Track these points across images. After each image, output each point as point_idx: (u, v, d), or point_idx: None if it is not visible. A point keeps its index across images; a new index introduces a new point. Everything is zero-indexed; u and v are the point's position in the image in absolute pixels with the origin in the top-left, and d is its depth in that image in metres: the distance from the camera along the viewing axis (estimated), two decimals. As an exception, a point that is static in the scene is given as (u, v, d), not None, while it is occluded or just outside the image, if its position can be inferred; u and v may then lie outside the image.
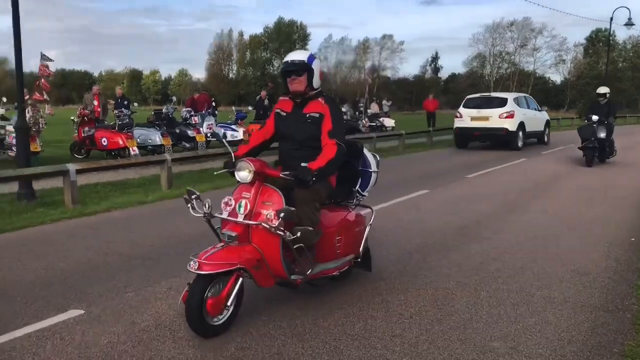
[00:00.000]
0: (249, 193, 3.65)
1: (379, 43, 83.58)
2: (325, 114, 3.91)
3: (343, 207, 4.36)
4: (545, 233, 6.40)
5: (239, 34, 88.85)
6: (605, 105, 13.06)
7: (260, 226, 3.53)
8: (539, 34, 75.69)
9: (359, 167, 4.38)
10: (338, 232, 4.09)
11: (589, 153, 12.58)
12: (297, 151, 3.96)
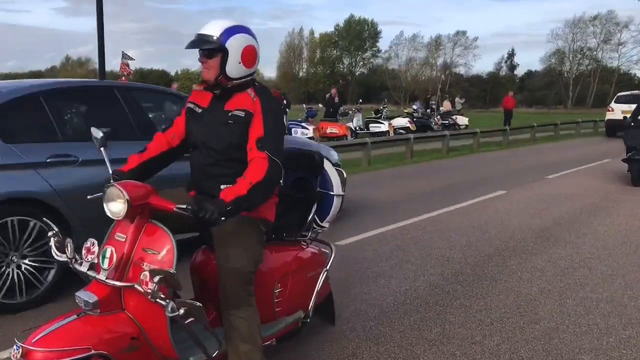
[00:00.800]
0: (123, 235, 2.36)
1: (451, 39, 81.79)
2: (254, 113, 2.59)
3: (291, 243, 3.11)
4: (635, 238, 5.97)
5: (309, 32, 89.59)
6: None
7: (134, 288, 2.25)
8: (625, 28, 71.53)
9: (318, 187, 3.14)
10: (279, 280, 2.91)
11: (636, 167, 9.26)
12: (214, 167, 2.64)
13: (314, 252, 3.22)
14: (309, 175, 3.18)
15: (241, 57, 2.56)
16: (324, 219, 3.19)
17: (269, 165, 2.49)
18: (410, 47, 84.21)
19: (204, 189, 2.67)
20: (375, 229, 6.23)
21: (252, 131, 2.57)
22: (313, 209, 3.11)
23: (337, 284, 4.41)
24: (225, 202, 2.36)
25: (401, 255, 5.28)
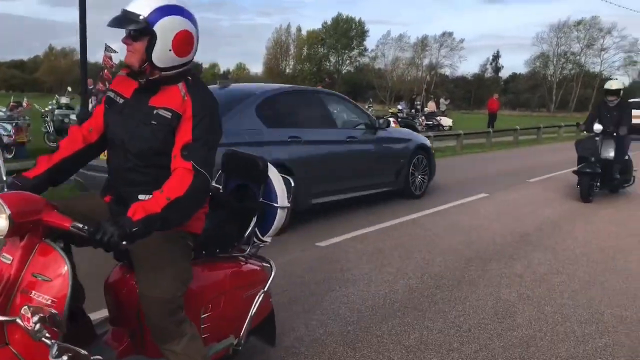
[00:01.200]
0: (9, 257, 1.96)
1: (438, 40, 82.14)
2: (183, 115, 2.20)
3: (226, 260, 2.73)
4: (612, 245, 6.02)
5: (296, 29, 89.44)
6: (617, 108, 8.65)
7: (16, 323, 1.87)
8: (608, 34, 72.49)
9: (260, 197, 2.79)
10: (209, 301, 2.54)
11: (586, 181, 8.32)
12: (131, 172, 2.27)
13: (252, 270, 2.83)
14: (251, 182, 2.84)
15: (172, 44, 2.16)
16: (266, 232, 2.81)
17: (194, 178, 2.10)
18: (396, 46, 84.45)
19: (121, 195, 2.28)
20: (357, 230, 6.20)
21: (178, 136, 2.18)
22: (253, 221, 2.73)
23: (317, 286, 4.39)
24: (131, 221, 1.94)
25: (382, 258, 5.26)
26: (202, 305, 2.49)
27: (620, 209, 8.06)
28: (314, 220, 6.70)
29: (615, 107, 8.64)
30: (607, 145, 8.45)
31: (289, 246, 5.47)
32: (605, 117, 8.61)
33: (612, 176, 8.60)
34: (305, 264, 4.97)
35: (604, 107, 8.76)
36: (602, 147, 8.40)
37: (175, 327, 2.20)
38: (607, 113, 8.66)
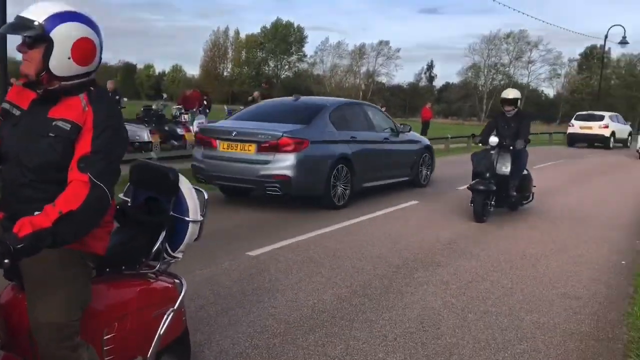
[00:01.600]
0: None
1: (375, 49, 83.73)
2: (83, 126, 2.09)
3: (132, 277, 2.57)
4: (534, 252, 6.27)
5: (235, 32, 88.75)
6: (515, 119, 8.03)
7: None
8: (535, 47, 76.28)
9: (171, 210, 2.64)
10: (114, 321, 2.39)
11: (479, 200, 7.55)
12: (27, 189, 2.12)
13: (161, 287, 2.66)
14: (161, 195, 2.69)
15: (71, 52, 2.05)
16: (177, 247, 2.66)
17: (90, 191, 1.97)
18: (335, 53, 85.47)
19: (16, 213, 2.05)
20: (289, 239, 6.16)
21: (77, 148, 2.06)
22: (161, 235, 2.59)
23: (244, 297, 4.32)
24: (16, 237, 1.81)
25: (312, 266, 5.25)
26: (105, 326, 2.35)
27: (542, 218, 8.41)
28: (245, 229, 6.62)
29: (513, 118, 8.03)
30: (503, 159, 7.77)
31: (218, 256, 5.37)
32: (502, 128, 8.05)
33: (508, 193, 7.93)
34: (234, 274, 4.89)
35: (502, 118, 8.16)
36: (498, 161, 7.74)
37: (70, 353, 2.06)
38: (504, 124, 8.07)
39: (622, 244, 6.89)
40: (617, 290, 5.10)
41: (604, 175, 14.82)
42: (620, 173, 15.81)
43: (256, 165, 7.56)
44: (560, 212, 8.90)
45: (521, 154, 8.00)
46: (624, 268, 5.85)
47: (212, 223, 6.65)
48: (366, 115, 9.52)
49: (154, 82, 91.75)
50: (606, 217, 8.67)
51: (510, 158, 7.76)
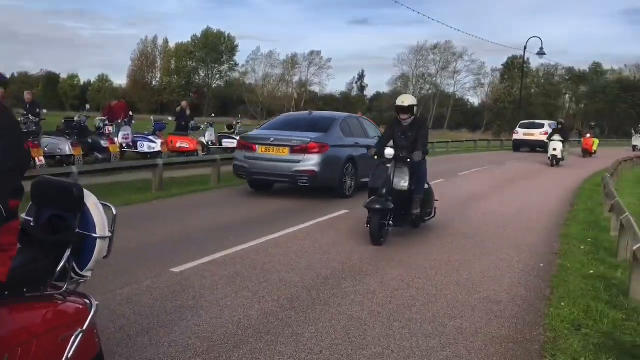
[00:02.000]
0: None
1: (307, 59, 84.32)
2: None
3: (36, 300, 2.41)
4: (459, 258, 6.44)
5: (163, 41, 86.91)
6: (412, 128, 7.26)
7: None
8: (460, 58, 79.21)
9: (77, 227, 2.53)
10: (14, 348, 2.24)
11: (376, 220, 6.68)
12: None
13: (68, 309, 2.53)
14: (66, 212, 2.57)
15: None
16: (85, 266, 2.56)
17: None
18: (267, 63, 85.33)
19: None
20: (215, 253, 6.02)
21: None
22: (66, 254, 2.47)
23: (167, 316, 4.17)
24: None
25: (239, 281, 5.15)
26: (6, 352, 2.19)
27: (466, 223, 8.68)
28: (170, 244, 6.43)
29: (410, 126, 7.25)
30: (400, 173, 6.97)
31: (140, 273, 5.17)
32: (399, 138, 7.28)
33: (409, 210, 7.12)
34: (156, 292, 4.72)
35: (398, 127, 7.34)
36: (395, 175, 6.94)
37: None
38: (401, 134, 7.27)
39: (540, 248, 7.20)
40: (535, 292, 5.31)
41: (525, 181, 15.52)
42: (539, 178, 16.60)
43: (289, 164, 10.06)
44: (483, 217, 9.21)
45: (420, 166, 7.23)
46: (542, 270, 6.10)
47: (135, 238, 6.45)
48: (362, 125, 12.02)
49: (79, 93, 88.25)
50: (526, 221, 9.05)
51: (408, 171, 7.01)
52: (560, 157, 20.60)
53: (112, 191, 10.55)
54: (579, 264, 6.37)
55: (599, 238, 7.85)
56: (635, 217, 7.86)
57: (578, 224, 8.95)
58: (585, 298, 5.12)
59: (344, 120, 11.41)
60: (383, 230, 6.83)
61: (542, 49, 34.99)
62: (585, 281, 5.66)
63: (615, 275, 5.96)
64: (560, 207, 10.81)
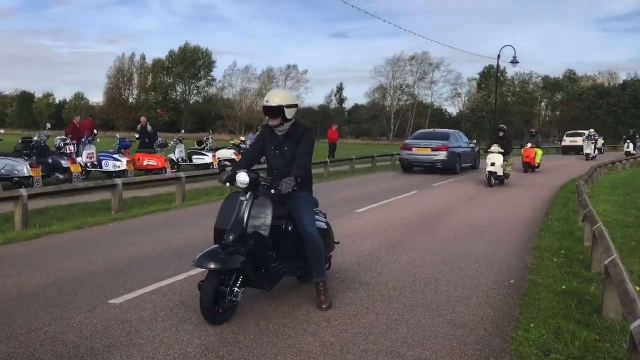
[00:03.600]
0: None
1: (283, 72, 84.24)
2: None
3: None
4: (425, 276, 6.08)
5: (140, 57, 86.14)
6: (289, 139, 4.92)
7: None
8: (437, 68, 79.73)
9: None
10: None
11: (210, 286, 4.34)
12: None
13: None
14: None
15: None
16: None
17: None
18: (244, 77, 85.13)
19: None
20: (163, 280, 5.59)
21: None
22: None
23: (93, 357, 3.71)
24: None
25: (182, 312, 4.72)
26: None
27: (436, 237, 8.34)
28: (114, 271, 5.97)
29: (286, 137, 4.88)
30: (260, 209, 4.58)
31: (73, 307, 4.73)
32: (272, 155, 4.94)
33: (275, 266, 4.79)
34: (87, 329, 4.27)
35: (270, 139, 4.95)
36: (251, 214, 4.56)
37: None
38: (274, 148, 4.92)
39: (511, 262, 6.88)
40: (504, 313, 4.96)
41: (496, 192, 15.27)
42: (512, 187, 16.38)
43: (431, 157, 19.43)
44: (454, 231, 8.88)
45: (301, 199, 4.85)
46: (512, 287, 5.77)
47: (78, 267, 6.00)
48: (460, 136, 21.83)
49: (54, 111, 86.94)
50: (498, 233, 8.74)
51: (270, 207, 4.57)
52: (500, 174, 15.71)
53: (70, 213, 10.08)
54: (551, 278, 6.06)
55: (573, 249, 7.56)
56: (608, 225, 7.62)
57: (552, 234, 8.68)
58: (556, 317, 4.79)
59: (453, 133, 21.26)
60: (222, 302, 4.41)
61: (515, 57, 35.09)
62: (556, 298, 5.34)
63: (589, 290, 5.66)
64: (536, 215, 10.53)
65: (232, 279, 4.47)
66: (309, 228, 4.82)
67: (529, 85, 79.04)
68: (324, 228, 5.43)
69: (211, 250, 4.43)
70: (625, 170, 25.16)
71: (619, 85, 75.04)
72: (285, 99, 4.79)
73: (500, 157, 15.76)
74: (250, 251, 4.51)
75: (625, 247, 7.77)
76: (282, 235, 4.90)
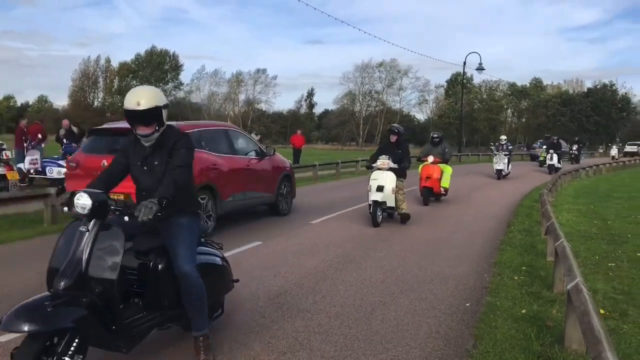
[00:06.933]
0: None
1: (252, 76, 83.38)
2: None
3: None
4: (373, 299, 5.48)
5: (105, 60, 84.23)
6: (159, 151, 3.80)
7: None
8: (405, 75, 79.97)
9: None
10: None
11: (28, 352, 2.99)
12: None
13: None
14: None
15: None
16: None
17: None
18: (212, 81, 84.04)
19: None
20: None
21: None
22: None
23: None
24: None
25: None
26: None
27: (390, 253, 7.77)
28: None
29: (156, 149, 3.81)
30: (105, 245, 3.39)
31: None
32: (139, 172, 3.85)
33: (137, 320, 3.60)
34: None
35: (136, 151, 3.87)
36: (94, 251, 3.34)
37: None
38: (141, 163, 3.84)
39: (469, 281, 6.34)
40: (455, 345, 4.39)
41: (458, 201, 14.86)
42: (476, 195, 16.02)
43: None
44: (410, 245, 8.32)
45: (179, 227, 3.77)
46: (467, 312, 5.22)
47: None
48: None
49: (16, 114, 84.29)
50: (456, 247, 8.22)
51: (121, 239, 3.42)
52: (392, 204, 9.83)
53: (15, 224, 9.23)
54: (511, 300, 5.53)
55: (535, 265, 7.07)
56: (572, 237, 7.14)
57: (513, 247, 8.19)
58: (514, 350, 4.24)
59: None
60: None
61: (480, 64, 35.27)
62: (515, 326, 4.79)
63: (550, 314, 5.14)
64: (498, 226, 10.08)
65: (63, 343, 3.09)
66: (185, 266, 3.66)
67: (496, 93, 79.87)
68: (215, 264, 4.28)
69: (32, 303, 3.08)
70: (589, 177, 25.17)
71: (583, 93, 76.47)
72: (159, 97, 3.73)
73: (391, 177, 9.76)
74: (94, 302, 3.22)
75: (588, 261, 7.33)
76: (151, 276, 3.69)
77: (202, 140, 8.66)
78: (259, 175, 9.98)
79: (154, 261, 3.72)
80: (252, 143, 10.52)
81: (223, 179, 8.77)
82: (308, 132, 59.02)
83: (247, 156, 9.89)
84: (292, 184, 11.28)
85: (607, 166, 30.17)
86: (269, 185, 10.37)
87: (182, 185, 3.68)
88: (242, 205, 9.71)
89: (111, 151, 7.82)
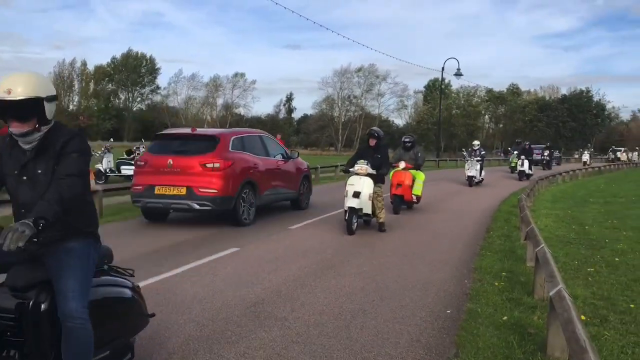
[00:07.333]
0: None
1: (230, 81, 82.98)
2: None
3: None
4: (353, 307, 5.36)
5: (81, 63, 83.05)
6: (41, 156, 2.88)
7: None
8: (383, 81, 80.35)
9: None
10: None
11: None
12: None
13: None
14: None
15: None
16: None
17: None
18: (189, 85, 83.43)
19: None
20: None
21: None
22: None
23: None
24: None
25: None
26: None
27: (370, 260, 7.66)
28: None
29: (38, 154, 2.91)
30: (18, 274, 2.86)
31: None
32: (18, 184, 2.94)
33: None
34: None
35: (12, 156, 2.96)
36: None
37: None
38: (20, 172, 2.93)
39: (450, 287, 6.25)
40: (437, 354, 4.28)
41: (441, 204, 14.86)
42: (457, 199, 16.04)
43: None
44: (391, 251, 8.22)
45: (69, 253, 2.92)
46: (448, 319, 5.11)
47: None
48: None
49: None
50: (437, 253, 8.15)
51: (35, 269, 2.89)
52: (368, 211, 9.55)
53: None
54: (492, 307, 5.45)
55: (515, 270, 7.02)
56: (550, 242, 7.14)
57: (493, 253, 8.15)
58: (496, 358, 4.15)
59: None
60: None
61: (459, 70, 35.52)
62: (497, 333, 4.70)
63: (532, 321, 5.06)
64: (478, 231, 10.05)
65: None
66: (69, 304, 2.77)
67: (473, 99, 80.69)
68: (122, 297, 3.31)
69: None
70: (565, 182, 25.45)
71: (559, 99, 77.69)
72: (41, 85, 2.83)
73: (369, 183, 9.47)
74: None
75: (568, 266, 7.30)
76: (31, 320, 2.76)
77: (244, 144, 10.46)
78: (286, 174, 11.70)
79: (34, 300, 2.78)
80: (279, 147, 12.19)
81: (261, 176, 10.52)
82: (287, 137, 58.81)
83: (275, 158, 11.54)
84: (310, 183, 13.07)
85: (582, 172, 30.55)
86: (294, 184, 12.07)
87: (71, 200, 2.77)
88: (274, 199, 11.43)
89: (174, 152, 9.73)
